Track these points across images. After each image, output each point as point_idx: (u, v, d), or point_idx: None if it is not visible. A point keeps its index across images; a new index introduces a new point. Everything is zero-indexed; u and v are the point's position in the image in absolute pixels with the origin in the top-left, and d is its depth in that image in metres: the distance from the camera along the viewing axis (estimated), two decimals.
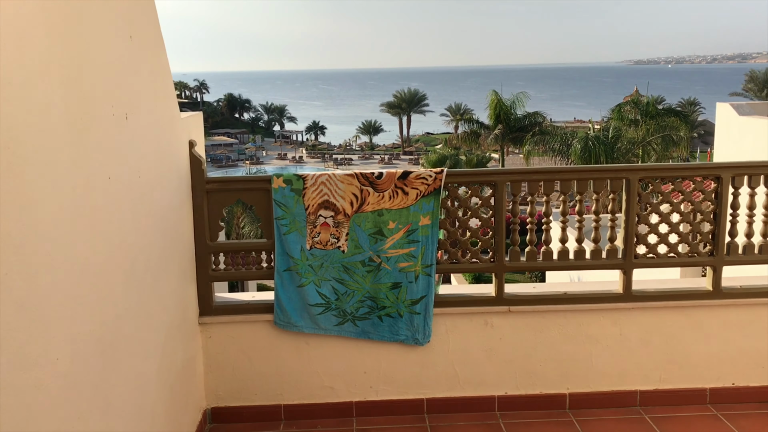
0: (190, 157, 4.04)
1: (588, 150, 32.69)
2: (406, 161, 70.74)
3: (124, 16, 3.02)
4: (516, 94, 41.01)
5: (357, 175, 4.09)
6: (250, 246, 4.27)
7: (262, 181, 4.12)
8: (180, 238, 3.91)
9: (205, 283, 4.21)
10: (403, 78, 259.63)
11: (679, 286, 4.35)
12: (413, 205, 4.09)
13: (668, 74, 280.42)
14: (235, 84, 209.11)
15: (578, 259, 4.25)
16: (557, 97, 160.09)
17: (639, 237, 4.22)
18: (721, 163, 4.12)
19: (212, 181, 4.11)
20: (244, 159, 73.72)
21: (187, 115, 4.14)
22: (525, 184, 4.19)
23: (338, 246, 4.13)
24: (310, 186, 4.09)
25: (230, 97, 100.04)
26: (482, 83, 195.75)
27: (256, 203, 4.15)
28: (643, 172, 4.14)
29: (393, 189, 4.08)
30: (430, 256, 4.14)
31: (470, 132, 42.59)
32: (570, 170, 4.18)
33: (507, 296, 4.25)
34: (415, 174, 4.08)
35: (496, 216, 4.17)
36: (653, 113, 34.95)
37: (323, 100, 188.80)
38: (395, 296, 4.17)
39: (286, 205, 4.10)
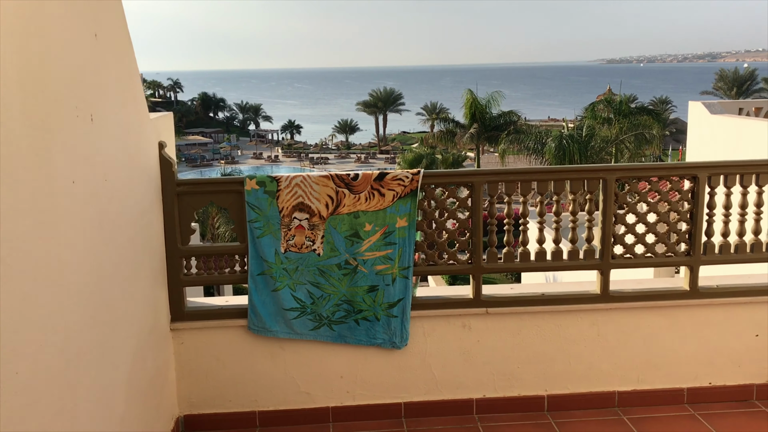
0: (160, 158, 3.93)
1: (562, 149, 32.95)
2: (382, 160, 70.70)
3: (88, 13, 2.91)
4: (491, 93, 41.19)
5: (332, 176, 4.01)
6: (223, 250, 4.17)
7: (235, 182, 4.03)
8: (150, 243, 3.80)
9: (177, 288, 4.10)
10: (379, 77, 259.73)
11: (656, 286, 4.34)
12: (390, 207, 4.02)
13: (640, 73, 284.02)
14: (210, 83, 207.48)
15: (556, 260, 4.22)
16: (531, 96, 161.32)
17: (616, 237, 4.21)
18: (697, 163, 4.11)
19: (183, 184, 4.00)
20: (218, 158, 73.07)
21: (157, 115, 4.04)
22: (502, 184, 4.14)
23: (313, 249, 4.05)
24: (285, 188, 4.00)
25: (204, 96, 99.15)
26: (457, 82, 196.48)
27: (229, 206, 4.05)
28: (620, 172, 4.12)
29: (369, 190, 4.01)
30: (408, 259, 4.08)
31: (446, 131, 42.68)
32: (547, 170, 4.15)
33: (485, 298, 4.20)
34: (391, 175, 4.01)
35: (473, 217, 4.12)
36: (626, 112, 35.34)
37: (299, 99, 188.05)
38: (372, 299, 4.10)
39: (259, 208, 4.01)
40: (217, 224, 33.25)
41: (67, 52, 2.66)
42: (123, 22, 3.36)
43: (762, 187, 4.16)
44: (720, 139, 11.02)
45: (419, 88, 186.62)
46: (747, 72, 71.98)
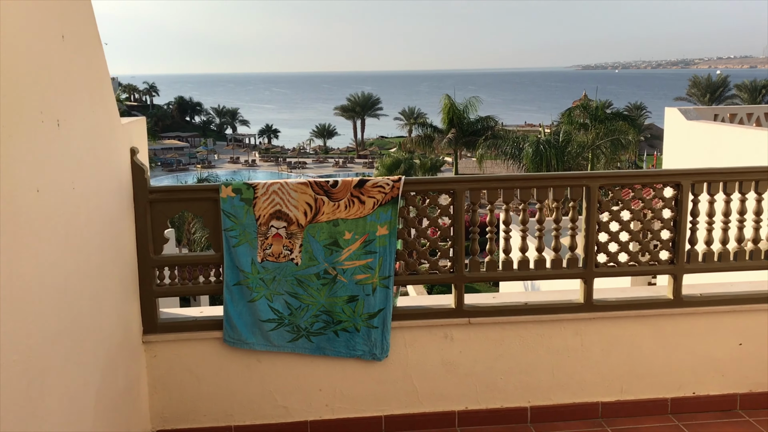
0: (132, 165, 3.79)
1: (539, 154, 33.13)
2: (360, 164, 70.61)
3: (55, 14, 2.78)
4: (469, 98, 41.33)
5: (311, 183, 3.90)
6: (198, 259, 4.03)
7: (210, 190, 3.90)
8: (121, 252, 3.66)
9: (149, 299, 3.96)
10: (357, 81, 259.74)
11: (639, 295, 4.29)
12: (370, 215, 3.92)
13: (615, 79, 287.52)
14: (186, 87, 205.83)
15: (539, 269, 4.15)
16: (508, 101, 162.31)
17: (599, 245, 4.14)
18: (680, 170, 4.07)
19: (156, 191, 3.86)
20: (195, 163, 72.47)
21: (129, 120, 3.90)
22: (484, 191, 4.06)
23: (291, 258, 3.93)
24: (261, 195, 3.88)
25: (181, 99, 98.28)
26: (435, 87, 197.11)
27: (204, 213, 3.92)
28: (603, 179, 4.06)
29: (349, 198, 3.90)
30: (388, 268, 3.98)
31: (424, 136, 42.72)
32: (530, 178, 4.07)
33: (467, 308, 4.11)
34: (371, 182, 3.91)
35: (455, 225, 4.03)
36: (602, 117, 35.65)
37: (276, 104, 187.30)
38: (352, 310, 4.00)
39: (235, 216, 3.89)
40: (193, 230, 32.88)
41: (31, 54, 2.52)
42: (92, 23, 3.23)
43: (746, 195, 4.13)
44: (696, 145, 11.09)
45: (397, 93, 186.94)
46: (719, 79, 73.12)
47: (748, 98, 63.30)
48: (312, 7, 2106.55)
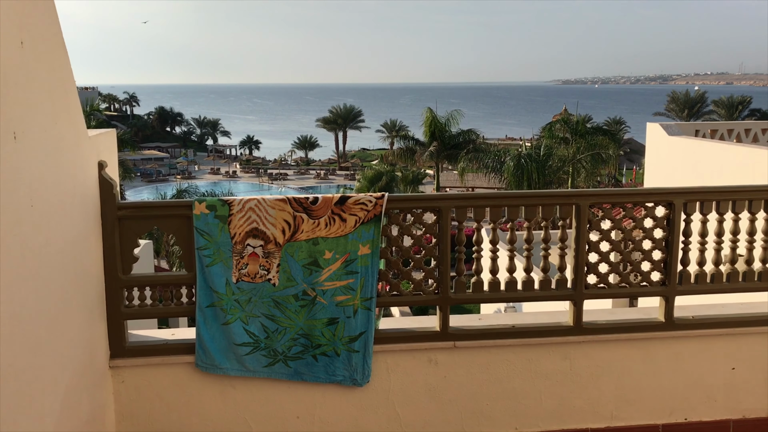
0: (100, 180, 3.58)
1: (521, 167, 33.18)
2: (342, 176, 70.42)
3: (12, 18, 2.57)
4: (450, 111, 41.40)
5: (289, 199, 3.71)
6: (169, 279, 3.82)
7: (182, 206, 3.70)
8: (86, 273, 3.44)
9: (117, 322, 3.73)
10: (339, 94, 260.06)
11: (630, 317, 4.14)
12: (352, 233, 3.74)
13: (595, 94, 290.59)
14: (167, 97, 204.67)
15: (527, 290, 3.98)
16: (489, 115, 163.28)
17: (589, 266, 4.00)
18: (673, 189, 3.94)
19: (125, 207, 3.65)
20: (175, 174, 71.82)
21: (97, 132, 3.69)
22: (471, 209, 3.90)
23: (268, 278, 3.73)
24: (237, 212, 3.68)
25: (161, 110, 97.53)
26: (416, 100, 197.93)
27: (176, 231, 3.72)
28: (594, 197, 3.92)
29: (330, 215, 3.72)
30: (370, 289, 3.79)
31: (406, 149, 42.69)
32: (518, 195, 3.92)
33: (452, 331, 3.94)
34: (353, 199, 3.73)
35: (440, 244, 3.86)
36: (582, 132, 35.84)
37: (258, 115, 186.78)
38: (332, 333, 3.80)
39: (209, 234, 3.69)
40: (171, 241, 32.43)
41: None
42: (56, 28, 3.03)
43: (738, 214, 4.01)
44: (678, 161, 11.07)
45: (379, 105, 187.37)
46: (698, 94, 74.13)
47: (725, 114, 64.19)
48: (295, 19, 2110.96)
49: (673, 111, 72.55)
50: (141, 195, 54.22)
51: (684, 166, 10.80)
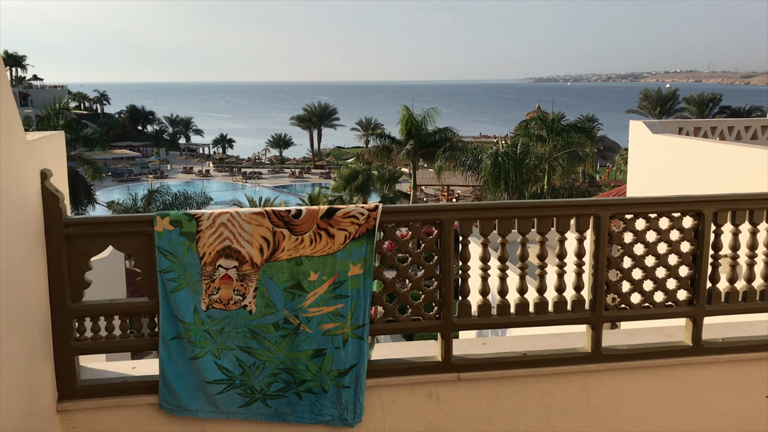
0: (43, 192, 3.03)
1: (498, 166, 32.86)
2: (317, 175, 69.66)
3: None
4: (426, 109, 40.97)
5: (268, 213, 3.19)
6: (127, 307, 3.27)
7: (142, 222, 3.15)
8: (26, 302, 2.89)
9: (66, 358, 3.18)
10: (313, 91, 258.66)
11: (653, 341, 3.69)
12: (341, 251, 3.23)
13: (567, 91, 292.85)
14: (139, 95, 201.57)
15: (540, 313, 3.51)
16: (463, 112, 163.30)
17: (609, 284, 3.53)
18: (702, 197, 3.49)
19: (73, 224, 3.10)
20: (147, 173, 70.43)
21: (39, 136, 3.13)
22: (477, 222, 3.41)
23: (244, 305, 3.21)
24: (207, 228, 3.15)
25: (133, 108, 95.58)
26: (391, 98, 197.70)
27: (135, 251, 3.17)
28: (615, 207, 3.46)
29: (315, 231, 3.21)
30: (362, 315, 3.29)
31: (382, 147, 42.19)
32: (530, 206, 3.44)
33: (456, 360, 3.45)
34: (343, 211, 3.22)
35: (442, 262, 3.37)
36: (558, 129, 35.69)
37: (231, 113, 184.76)
38: (318, 367, 3.29)
39: (174, 254, 3.15)
40: None
41: None
42: None
43: None
44: (662, 159, 10.76)
45: (353, 103, 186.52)
46: (669, 92, 74.55)
47: (696, 111, 64.70)
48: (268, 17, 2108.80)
49: (645, 108, 72.94)
50: (112, 195, 52.94)
51: (669, 164, 10.49)
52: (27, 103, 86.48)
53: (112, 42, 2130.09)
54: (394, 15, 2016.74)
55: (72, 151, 38.40)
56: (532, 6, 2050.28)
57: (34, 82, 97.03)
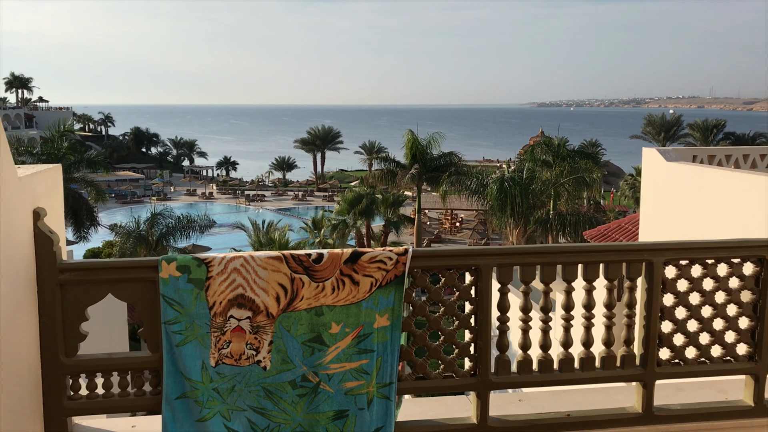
0: (35, 234, 2.70)
1: (504, 191, 32.56)
2: (320, 198, 69.45)
3: None
4: (432, 134, 40.79)
5: (286, 257, 2.86)
6: (127, 362, 2.92)
7: (146, 267, 2.82)
8: (13, 357, 2.55)
9: (58, 420, 2.83)
10: (317, 115, 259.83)
11: (707, 399, 3.33)
12: (366, 300, 2.89)
13: (570, 116, 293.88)
14: (143, 117, 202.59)
15: (586, 370, 3.16)
16: (465, 136, 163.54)
17: (662, 338, 3.18)
18: (765, 241, 3.15)
19: (69, 269, 2.77)
20: (150, 195, 70.28)
21: (33, 170, 2.81)
22: (517, 267, 3.07)
23: (257, 360, 2.86)
24: (217, 274, 2.82)
25: (137, 130, 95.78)
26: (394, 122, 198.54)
27: (137, 299, 2.84)
28: (669, 252, 3.12)
29: (338, 277, 2.87)
30: (389, 372, 2.94)
31: (387, 171, 41.96)
32: (577, 250, 3.11)
33: (493, 422, 3.09)
34: (369, 256, 2.88)
35: (479, 313, 3.02)
36: (564, 154, 35.48)
37: (235, 135, 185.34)
38: (339, 430, 2.93)
39: (180, 303, 2.81)
40: None
41: None
42: None
43: None
44: (677, 188, 10.46)
45: (357, 126, 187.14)
46: (673, 118, 74.50)
47: (700, 137, 64.58)
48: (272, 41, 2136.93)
49: (649, 134, 72.89)
50: (115, 217, 52.74)
51: (684, 193, 10.18)
52: (32, 125, 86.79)
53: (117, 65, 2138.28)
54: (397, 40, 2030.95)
55: (75, 173, 38.30)
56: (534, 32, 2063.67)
57: (39, 103, 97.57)
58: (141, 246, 30.64)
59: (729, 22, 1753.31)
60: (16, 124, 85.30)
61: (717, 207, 8.33)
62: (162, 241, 31.92)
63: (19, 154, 36.38)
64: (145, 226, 31.78)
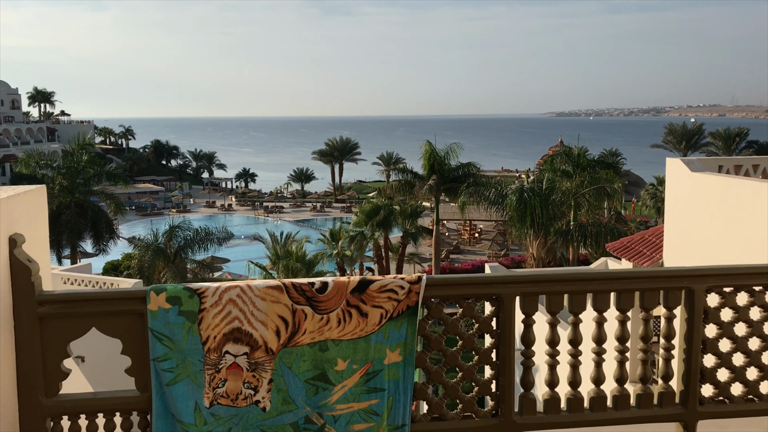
0: (11, 263, 2.46)
1: (523, 202, 32.14)
2: (338, 209, 69.35)
3: None
4: (450, 144, 40.48)
5: (287, 287, 2.59)
6: (113, 403, 2.66)
7: (132, 299, 2.57)
8: None
9: None
10: (335, 126, 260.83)
11: None
12: (375, 333, 2.62)
13: (589, 126, 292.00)
14: (163, 130, 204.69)
15: (620, 409, 2.85)
16: (484, 146, 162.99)
17: (705, 373, 2.87)
18: None
19: (49, 301, 2.52)
20: (170, 207, 70.64)
21: (10, 193, 2.58)
22: (544, 297, 2.78)
23: (256, 401, 2.59)
24: (211, 306, 2.56)
25: (157, 143, 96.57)
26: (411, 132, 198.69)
27: (124, 334, 2.58)
28: (713, 278, 2.81)
29: (344, 308, 2.60)
30: (402, 413, 2.66)
31: (404, 182, 41.69)
32: (609, 277, 2.81)
33: None
34: (378, 284, 2.61)
35: (501, 347, 2.73)
36: (584, 164, 35.04)
37: (254, 147, 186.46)
38: None
39: (171, 338, 2.55)
40: (163, 278, 30.92)
41: None
42: None
43: None
44: (702, 199, 10.10)
45: (374, 137, 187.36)
46: (695, 126, 73.50)
47: (722, 146, 63.65)
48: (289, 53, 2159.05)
49: (670, 143, 71.99)
50: (135, 229, 53.02)
51: (710, 204, 9.83)
52: (54, 138, 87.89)
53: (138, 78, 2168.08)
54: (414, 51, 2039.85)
55: (95, 186, 38.50)
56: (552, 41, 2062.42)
57: (61, 117, 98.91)
58: (159, 258, 30.58)
59: (750, 29, 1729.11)
60: (38, 137, 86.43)
61: (746, 219, 7.97)
62: (180, 254, 31.87)
63: (40, 168, 36.65)
64: (164, 239, 31.75)
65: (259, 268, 25.93)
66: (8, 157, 71.23)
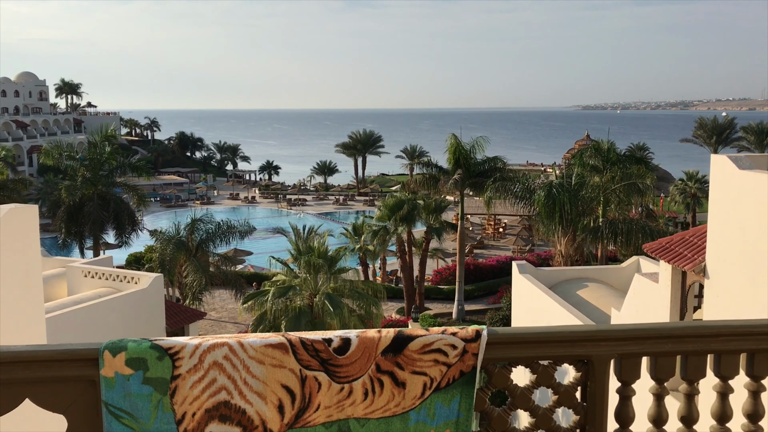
0: None
1: (552, 197, 31.16)
2: (361, 202, 68.71)
3: None
4: (476, 138, 39.53)
5: (293, 344, 1.86)
6: None
7: (80, 360, 1.85)
8: None
9: None
10: (358, 119, 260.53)
11: None
12: (417, 410, 1.88)
13: (616, 119, 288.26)
14: (188, 122, 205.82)
15: None
16: (508, 140, 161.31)
17: None
18: None
19: None
20: (194, 198, 70.59)
21: None
22: (652, 359, 2.01)
23: None
24: (189, 372, 1.83)
25: (182, 135, 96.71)
26: (435, 125, 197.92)
27: (69, 408, 1.87)
28: None
29: (373, 374, 1.87)
30: None
31: (428, 176, 40.83)
32: (738, 332, 2.03)
33: None
34: (421, 342, 1.87)
35: (588, 426, 1.98)
36: (614, 159, 34.01)
37: (278, 139, 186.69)
38: None
39: (132, 416, 1.83)
40: (185, 272, 30.46)
41: None
42: None
43: None
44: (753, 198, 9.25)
45: (398, 130, 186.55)
46: (726, 121, 71.51)
47: (755, 141, 61.91)
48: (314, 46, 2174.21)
49: (700, 137, 70.19)
50: (159, 221, 52.88)
51: (761, 205, 8.99)
52: (81, 130, 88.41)
53: (163, 70, 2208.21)
54: (439, 44, 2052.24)
55: (119, 178, 38.28)
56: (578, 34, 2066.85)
57: (88, 108, 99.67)
58: (181, 252, 30.16)
59: None
60: (65, 129, 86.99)
61: None
62: (202, 247, 31.38)
63: (64, 159, 36.44)
64: (185, 233, 31.30)
65: (279, 263, 25.34)
66: (35, 148, 71.80)
